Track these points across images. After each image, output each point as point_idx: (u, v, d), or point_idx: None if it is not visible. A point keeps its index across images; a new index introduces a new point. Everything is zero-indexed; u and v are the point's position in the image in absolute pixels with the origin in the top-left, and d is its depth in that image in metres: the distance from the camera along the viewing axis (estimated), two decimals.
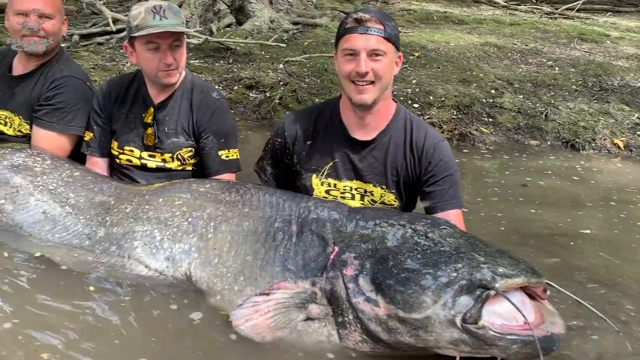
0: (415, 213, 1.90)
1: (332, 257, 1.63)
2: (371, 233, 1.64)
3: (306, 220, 1.76)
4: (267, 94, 4.31)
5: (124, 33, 5.57)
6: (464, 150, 3.94)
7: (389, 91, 1.99)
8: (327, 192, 2.03)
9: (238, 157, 2.25)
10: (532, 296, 1.52)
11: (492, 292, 1.40)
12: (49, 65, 2.40)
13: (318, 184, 2.04)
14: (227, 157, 2.21)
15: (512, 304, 1.40)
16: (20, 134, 2.42)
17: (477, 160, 3.76)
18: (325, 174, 2.03)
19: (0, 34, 5.75)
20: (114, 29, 5.50)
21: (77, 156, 2.35)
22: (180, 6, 5.84)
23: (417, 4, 9.43)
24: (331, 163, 2.02)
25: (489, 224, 2.74)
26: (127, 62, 4.95)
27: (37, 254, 1.91)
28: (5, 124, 2.44)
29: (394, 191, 1.99)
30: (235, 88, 4.43)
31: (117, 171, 2.31)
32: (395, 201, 2.00)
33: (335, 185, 2.02)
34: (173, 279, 1.75)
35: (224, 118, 2.24)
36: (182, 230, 1.82)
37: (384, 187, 1.99)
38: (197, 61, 5.08)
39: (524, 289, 1.49)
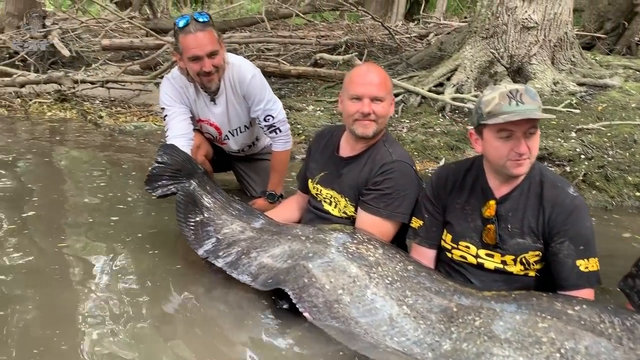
0: None
1: None
2: None
3: None
4: (567, 169, 3.81)
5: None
6: None
7: None
8: None
9: (598, 268, 1.87)
10: None
11: None
12: (376, 147, 2.39)
13: None
14: (586, 268, 1.84)
15: None
16: (344, 215, 2.43)
17: None
18: None
19: (296, 111, 6.17)
20: None
21: None
22: (455, 69, 5.75)
23: None
24: None
25: None
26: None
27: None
28: (331, 204, 2.48)
29: None
30: None
31: (446, 264, 2.13)
32: None
33: None
34: None
35: (584, 221, 1.89)
36: None
37: None
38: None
39: None
